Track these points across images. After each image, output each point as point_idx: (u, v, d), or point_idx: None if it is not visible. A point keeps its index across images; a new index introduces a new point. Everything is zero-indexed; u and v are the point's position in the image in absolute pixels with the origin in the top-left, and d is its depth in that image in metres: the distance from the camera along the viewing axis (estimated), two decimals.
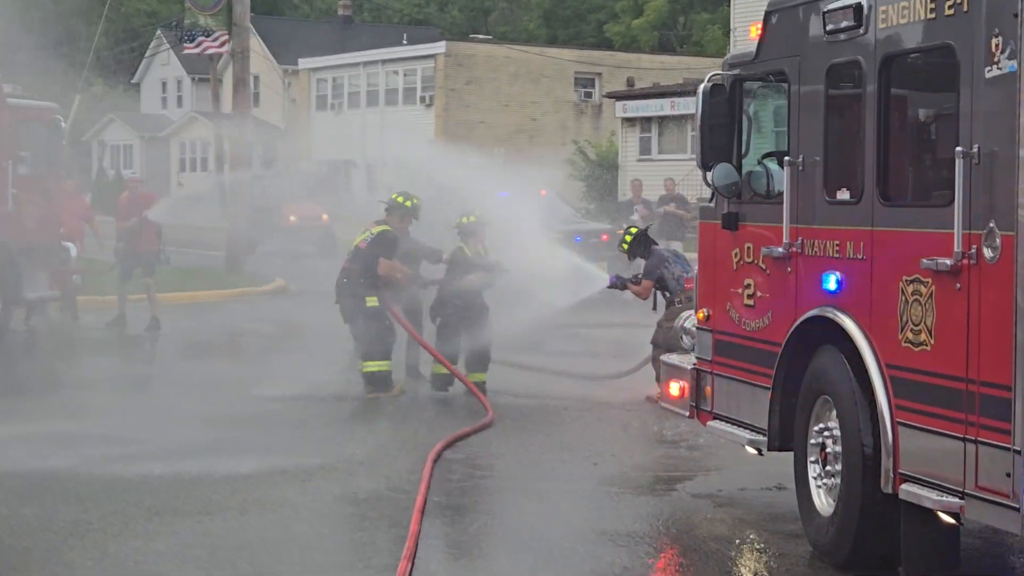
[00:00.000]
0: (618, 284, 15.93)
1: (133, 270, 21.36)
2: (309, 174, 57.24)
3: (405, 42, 65.07)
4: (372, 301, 15.21)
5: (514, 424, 13.80)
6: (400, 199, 15.67)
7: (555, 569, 8.93)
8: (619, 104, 51.75)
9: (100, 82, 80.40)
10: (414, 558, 8.75)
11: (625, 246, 15.72)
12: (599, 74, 60.53)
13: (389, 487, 11.01)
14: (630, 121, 50.75)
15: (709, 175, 9.99)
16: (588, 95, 60.41)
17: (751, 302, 9.89)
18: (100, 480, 11.17)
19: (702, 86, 10.07)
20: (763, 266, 9.71)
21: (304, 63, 67.17)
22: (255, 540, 9.51)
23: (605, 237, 24.97)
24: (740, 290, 9.99)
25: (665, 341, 14.79)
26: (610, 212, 29.44)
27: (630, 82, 57.87)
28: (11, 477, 11.12)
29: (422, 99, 59.89)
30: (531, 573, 8.91)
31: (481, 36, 71.00)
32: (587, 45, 69.09)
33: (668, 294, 15.27)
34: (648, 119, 50.47)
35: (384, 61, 62.63)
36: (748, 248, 9.90)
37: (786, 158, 9.32)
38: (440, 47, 59.94)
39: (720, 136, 10.06)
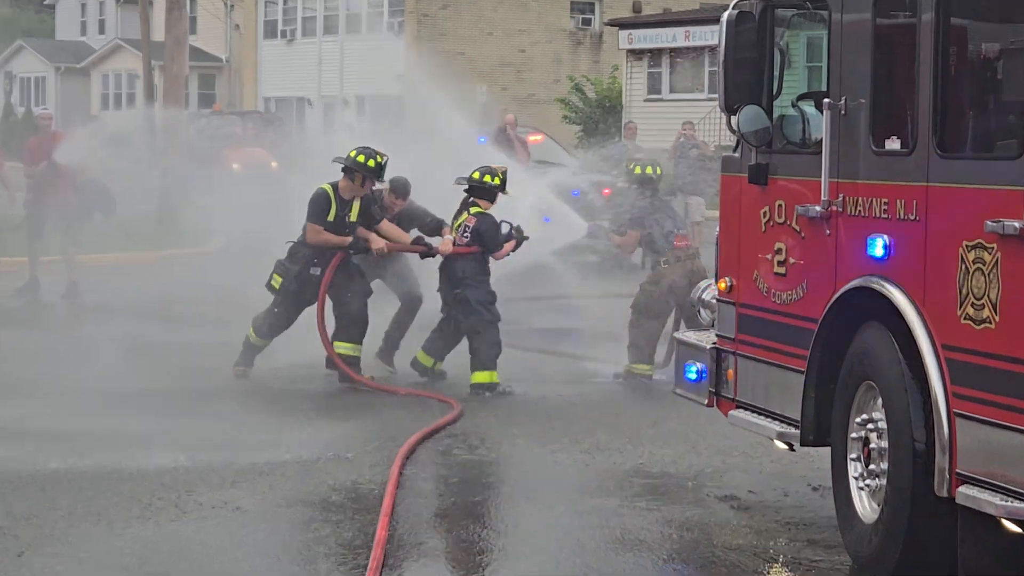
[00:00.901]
0: (599, 233, 15.75)
1: (45, 225, 21.29)
2: (255, 114, 57.09)
3: None
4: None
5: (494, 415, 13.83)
6: (361, 158, 15.32)
7: None
8: (623, 33, 51.75)
9: (8, 3, 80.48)
10: (381, 569, 8.76)
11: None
12: None
13: (354, 487, 11.02)
14: (636, 54, 50.73)
15: (734, 119, 9.96)
16: (587, 22, 60.27)
17: (782, 270, 9.88)
18: (14, 476, 11.15)
19: (726, 13, 10.03)
20: (797, 228, 9.70)
21: None
22: (195, 545, 9.53)
23: (607, 192, 24.83)
24: (770, 256, 9.97)
25: (647, 307, 14.80)
26: (614, 160, 29.39)
27: (636, 7, 57.78)
28: None
29: (389, 26, 59.75)
30: None
31: None
32: None
33: (655, 252, 15.19)
34: (658, 51, 50.47)
35: None
36: (779, 206, 9.88)
37: (825, 100, 9.29)
38: None
39: (747, 73, 10.01)
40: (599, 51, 58.30)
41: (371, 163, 15.27)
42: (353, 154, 15.32)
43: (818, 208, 9.34)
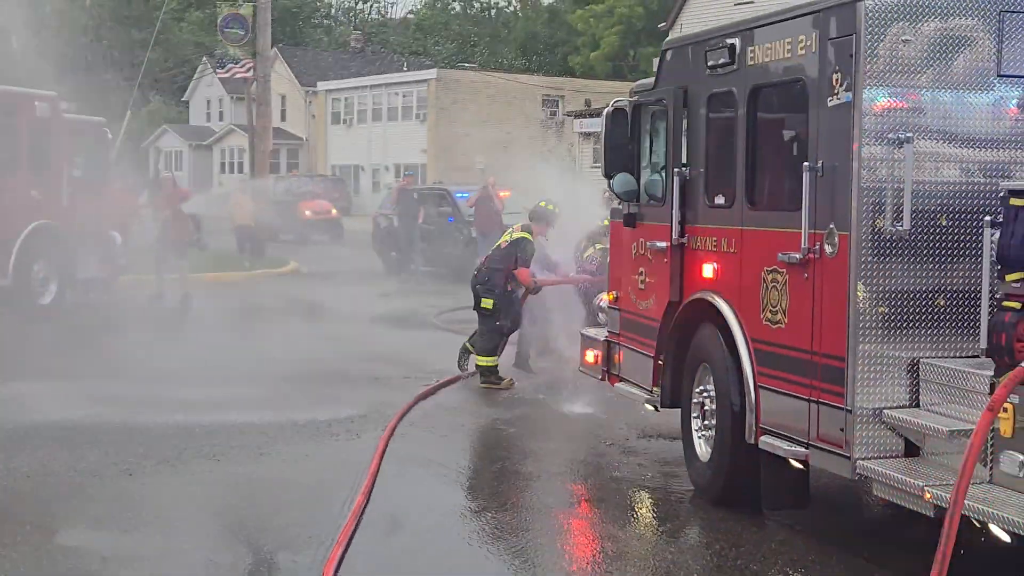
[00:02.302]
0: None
1: (168, 254, 21.33)
2: (322, 176, 57.07)
3: (404, 69, 64.82)
4: (487, 303, 13.47)
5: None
6: (551, 207, 13.77)
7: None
8: (577, 121, 51.58)
9: (157, 99, 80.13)
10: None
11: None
12: (562, 96, 60.24)
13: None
14: (585, 135, 50.57)
15: (611, 183, 9.96)
16: (553, 114, 60.17)
17: (644, 287, 9.88)
18: (122, 429, 11.03)
19: (606, 109, 10.03)
20: (651, 258, 9.67)
21: (322, 85, 66.94)
22: (255, 483, 9.31)
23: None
24: (636, 276, 9.96)
25: None
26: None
27: (587, 103, 57.64)
28: (49, 426, 11.04)
29: (417, 116, 59.68)
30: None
31: (467, 65, 70.79)
32: (553, 73, 68.78)
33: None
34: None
35: (387, 84, 62.41)
36: (642, 243, 9.85)
37: (675, 169, 9.28)
38: (432, 73, 59.73)
39: (620, 151, 10.01)
40: (561, 133, 58.16)
41: (551, 208, 13.96)
42: (543, 204, 13.89)
43: (667, 244, 9.32)
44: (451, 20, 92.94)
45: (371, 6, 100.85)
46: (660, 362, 9.50)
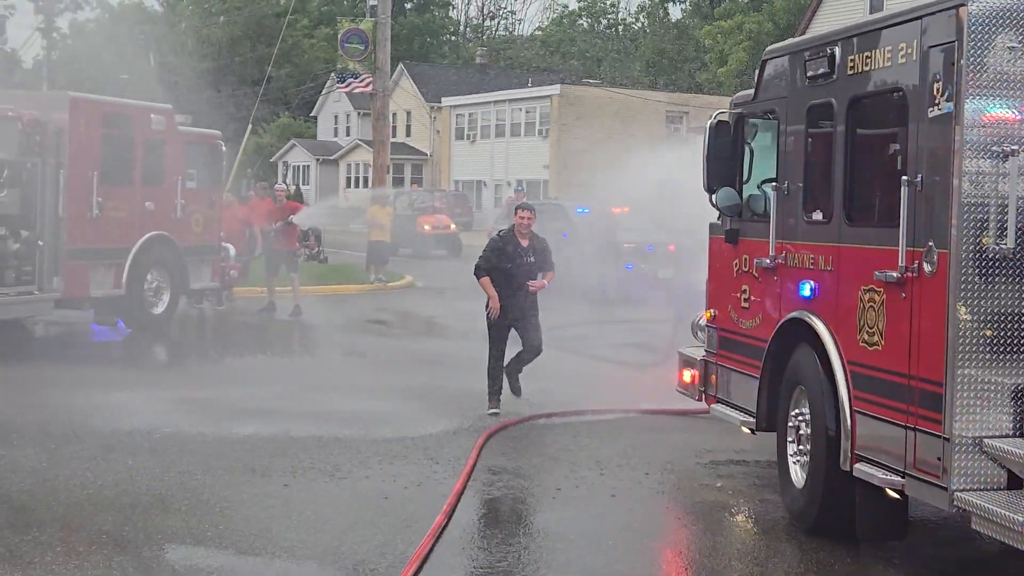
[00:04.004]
0: None
1: (278, 265, 21.54)
2: (442, 191, 57.35)
3: (529, 85, 64.88)
4: None
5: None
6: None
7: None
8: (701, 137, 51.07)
9: (286, 114, 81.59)
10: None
11: None
12: (687, 112, 59.66)
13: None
14: None
15: (714, 197, 9.68)
16: (676, 130, 59.63)
17: (746, 305, 9.56)
18: (214, 439, 11.05)
19: (708, 122, 9.76)
20: (756, 275, 9.37)
21: (447, 101, 67.36)
22: (328, 499, 9.12)
23: (672, 247, 24.49)
24: (738, 294, 9.66)
25: None
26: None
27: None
28: (144, 434, 11.12)
29: (540, 132, 59.67)
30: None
31: (591, 80, 70.60)
32: (680, 89, 68.29)
33: None
34: None
35: (510, 100, 62.52)
36: (745, 259, 9.56)
37: (773, 183, 8.98)
38: (555, 89, 59.61)
39: (723, 164, 9.73)
40: (685, 151, 57.63)
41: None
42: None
43: (768, 261, 9.03)
44: (578, 36, 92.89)
45: (498, 23, 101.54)
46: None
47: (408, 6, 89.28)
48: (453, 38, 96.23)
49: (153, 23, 76.82)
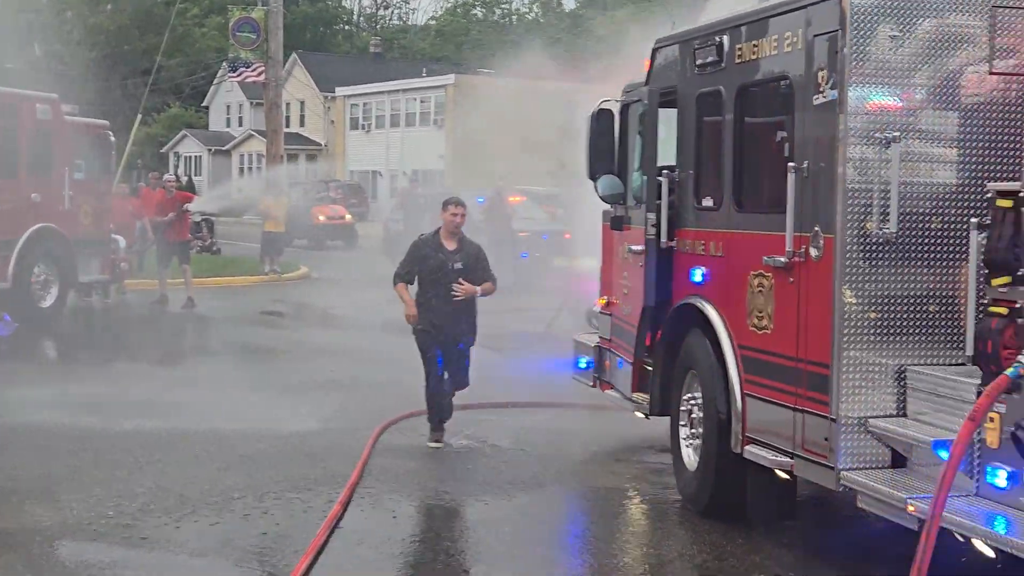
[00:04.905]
0: None
1: (170, 257, 21.25)
2: (336, 182, 56.99)
3: (424, 75, 64.68)
4: None
5: None
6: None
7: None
8: None
9: (177, 105, 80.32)
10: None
11: None
12: (583, 101, 59.91)
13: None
14: None
15: (596, 185, 9.76)
16: (572, 119, 59.82)
17: (626, 291, 9.69)
18: (104, 434, 10.89)
19: (591, 112, 9.85)
20: (630, 260, 9.49)
21: (341, 91, 66.92)
22: (222, 490, 9.04)
23: (567, 235, 24.65)
24: (622, 281, 9.77)
25: None
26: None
27: None
28: (33, 429, 10.93)
29: (435, 121, 59.57)
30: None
31: (486, 70, 70.51)
32: (574, 78, 68.53)
33: None
34: None
35: (405, 90, 62.37)
36: (625, 246, 9.65)
37: (664, 170, 9.09)
38: (450, 79, 59.57)
39: (605, 153, 9.82)
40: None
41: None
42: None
43: (638, 247, 9.15)
44: (472, 26, 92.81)
45: (392, 12, 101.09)
46: (649, 368, 9.31)
47: None
48: (347, 27, 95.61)
49: (37, 11, 75.00)
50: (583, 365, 10.78)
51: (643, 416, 9.67)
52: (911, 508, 6.40)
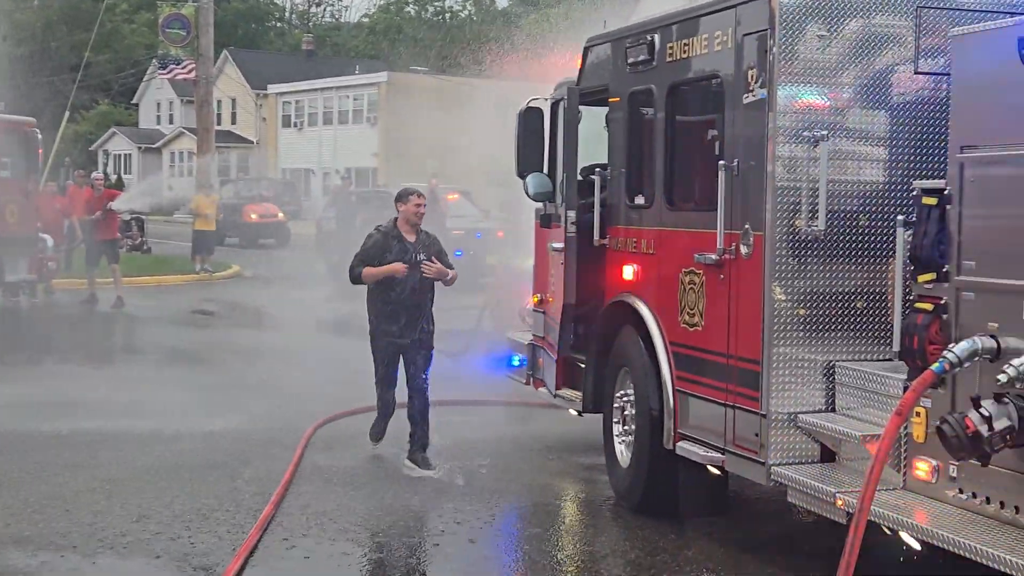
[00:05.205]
0: None
1: (99, 256, 20.98)
2: (267, 179, 56.63)
3: (357, 72, 64.38)
4: None
5: None
6: None
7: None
8: None
9: (106, 102, 79.34)
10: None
11: None
12: (516, 99, 59.93)
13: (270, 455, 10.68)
14: None
15: (525, 183, 9.78)
16: (505, 116, 59.88)
17: (554, 288, 9.73)
18: (30, 435, 10.73)
19: (520, 109, 9.87)
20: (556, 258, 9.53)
21: (273, 88, 66.41)
22: (154, 492, 8.94)
23: (500, 233, 24.66)
24: (551, 279, 9.80)
25: None
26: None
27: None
28: None
29: (368, 119, 59.34)
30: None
31: (419, 68, 70.38)
32: (508, 76, 68.57)
33: None
34: None
35: (338, 87, 62.04)
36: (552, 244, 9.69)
37: (597, 170, 9.12)
38: (383, 77, 59.39)
39: (534, 151, 9.84)
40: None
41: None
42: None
43: (558, 244, 9.20)
44: (405, 24, 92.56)
45: (324, 9, 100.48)
46: (580, 364, 9.36)
47: None
48: (279, 24, 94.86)
49: None
50: (516, 363, 10.78)
51: (576, 413, 9.70)
52: (840, 502, 6.48)
